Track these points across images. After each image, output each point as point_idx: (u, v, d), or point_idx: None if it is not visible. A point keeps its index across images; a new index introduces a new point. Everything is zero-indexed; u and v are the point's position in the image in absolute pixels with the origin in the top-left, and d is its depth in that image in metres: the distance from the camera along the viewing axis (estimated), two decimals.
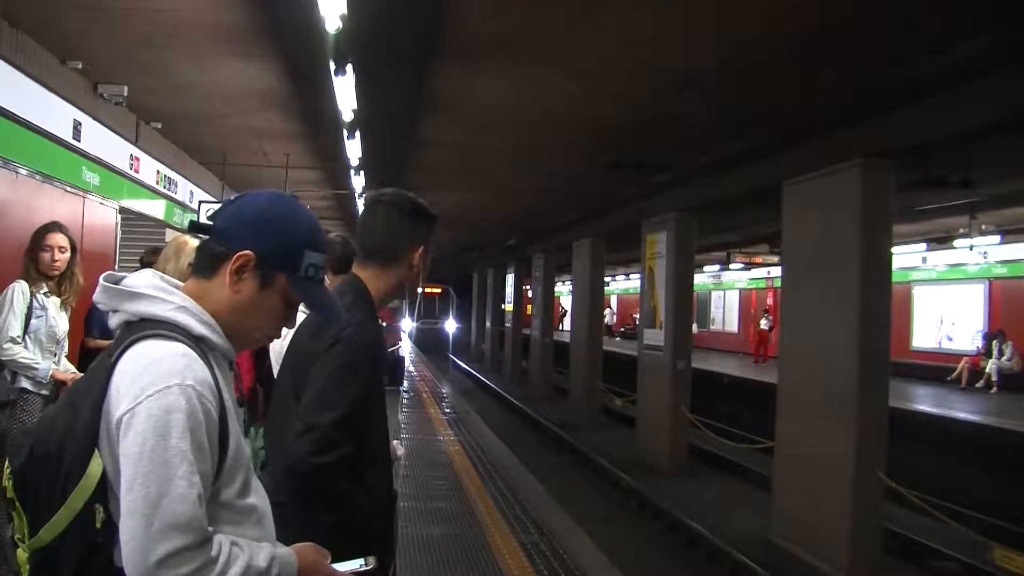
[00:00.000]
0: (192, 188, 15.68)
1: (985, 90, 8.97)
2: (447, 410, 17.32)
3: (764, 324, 31.12)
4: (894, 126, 10.27)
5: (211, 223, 2.09)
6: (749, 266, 31.83)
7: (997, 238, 21.87)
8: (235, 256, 2.03)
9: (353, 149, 13.35)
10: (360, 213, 3.22)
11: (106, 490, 1.83)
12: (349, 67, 8.68)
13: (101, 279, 2.04)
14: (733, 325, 38.47)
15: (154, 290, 2.00)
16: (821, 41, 8.35)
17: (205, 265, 2.08)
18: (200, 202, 15.65)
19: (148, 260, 8.34)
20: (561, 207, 22.30)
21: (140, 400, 1.79)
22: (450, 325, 51.23)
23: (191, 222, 2.16)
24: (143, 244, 11.29)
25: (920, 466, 14.37)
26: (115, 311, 2.02)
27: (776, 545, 12.10)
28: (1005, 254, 23.05)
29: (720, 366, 27.06)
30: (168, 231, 13.44)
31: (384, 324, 3.05)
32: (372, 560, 2.23)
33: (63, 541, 1.83)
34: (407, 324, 39.48)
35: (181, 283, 2.08)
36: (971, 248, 22.53)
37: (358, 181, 16.88)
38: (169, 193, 14.14)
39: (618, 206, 20.15)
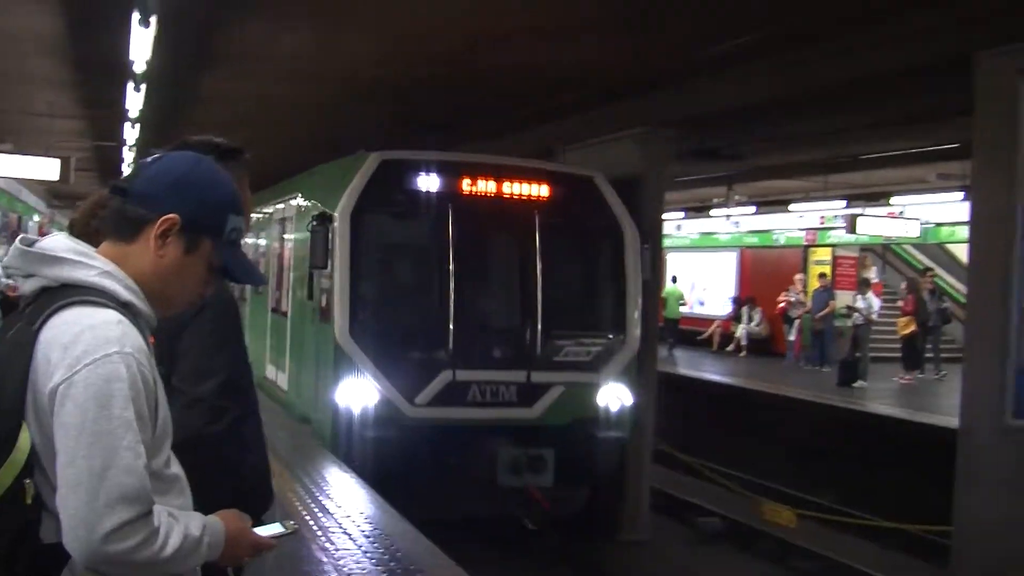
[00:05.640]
0: None
1: (754, 73, 9.74)
2: None
3: None
4: (676, 99, 10.74)
5: (127, 185, 2.02)
6: None
7: (752, 208, 23.12)
8: (160, 220, 1.96)
9: (134, 100, 12.68)
10: None
11: (35, 464, 1.77)
12: (135, 14, 8.27)
13: (16, 242, 1.96)
14: None
15: (74, 254, 1.92)
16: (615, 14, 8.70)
17: (125, 229, 1.99)
18: None
19: None
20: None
21: (77, 369, 1.74)
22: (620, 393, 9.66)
23: (111, 184, 2.08)
24: None
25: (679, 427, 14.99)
26: (30, 276, 1.93)
27: None
28: (756, 224, 24.31)
29: None
30: None
31: None
32: (291, 524, 2.23)
33: None
34: (348, 389, 9.03)
35: (94, 247, 2.01)
36: (728, 218, 23.74)
37: (132, 133, 16.15)
38: None
39: None
